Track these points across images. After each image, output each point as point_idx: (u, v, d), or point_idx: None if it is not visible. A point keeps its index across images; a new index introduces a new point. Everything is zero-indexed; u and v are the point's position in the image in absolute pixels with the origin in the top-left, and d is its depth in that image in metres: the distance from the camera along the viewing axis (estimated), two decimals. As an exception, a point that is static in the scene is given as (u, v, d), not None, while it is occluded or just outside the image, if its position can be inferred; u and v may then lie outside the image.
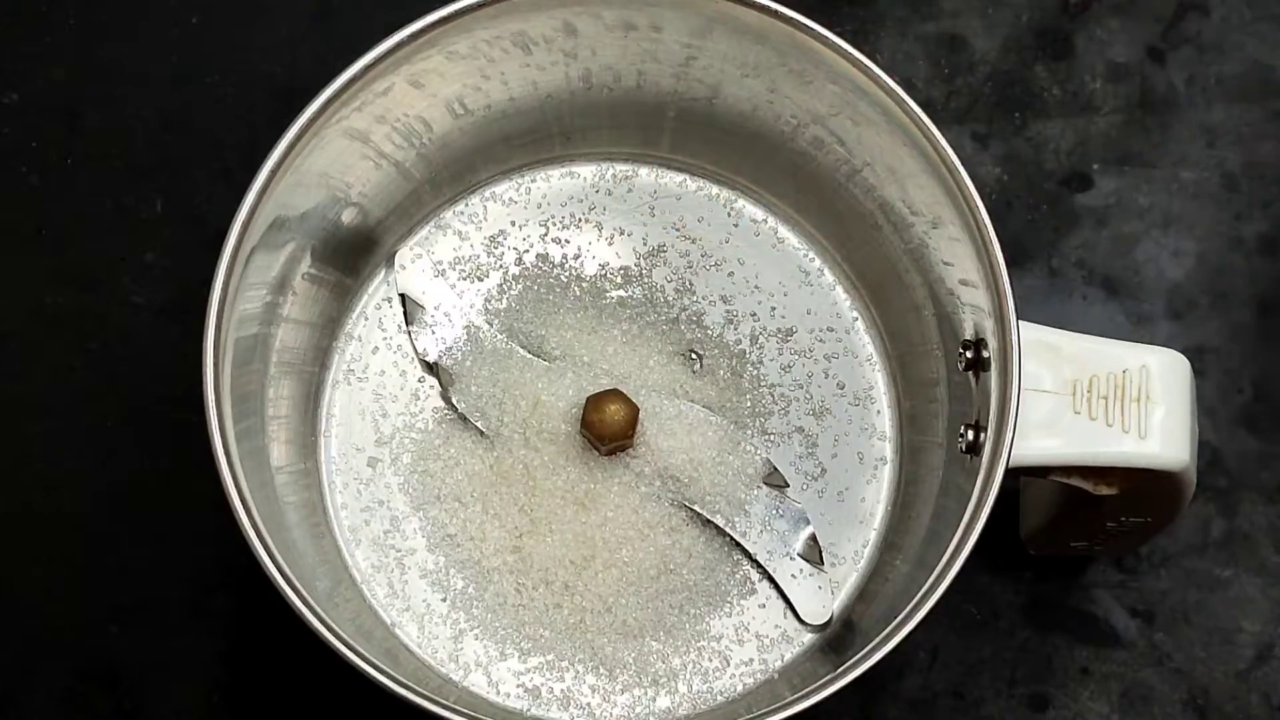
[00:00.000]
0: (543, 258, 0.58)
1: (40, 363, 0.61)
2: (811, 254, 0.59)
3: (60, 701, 0.59)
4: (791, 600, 0.55)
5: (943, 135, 0.50)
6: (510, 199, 0.59)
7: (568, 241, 0.58)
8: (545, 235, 0.58)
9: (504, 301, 0.57)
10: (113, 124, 0.63)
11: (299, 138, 0.50)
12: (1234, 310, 0.63)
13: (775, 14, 0.51)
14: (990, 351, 0.50)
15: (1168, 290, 0.63)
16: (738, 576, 0.56)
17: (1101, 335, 0.50)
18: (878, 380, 0.58)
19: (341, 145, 0.52)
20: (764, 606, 0.55)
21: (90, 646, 0.59)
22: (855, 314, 0.58)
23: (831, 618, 0.55)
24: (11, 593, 0.60)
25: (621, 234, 0.58)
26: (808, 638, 0.55)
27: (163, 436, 0.60)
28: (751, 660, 0.55)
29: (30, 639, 0.59)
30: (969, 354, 0.51)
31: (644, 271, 0.58)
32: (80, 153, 0.63)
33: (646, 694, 0.54)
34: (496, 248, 0.58)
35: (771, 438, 0.57)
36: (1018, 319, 0.49)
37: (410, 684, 0.46)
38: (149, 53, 0.64)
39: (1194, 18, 0.65)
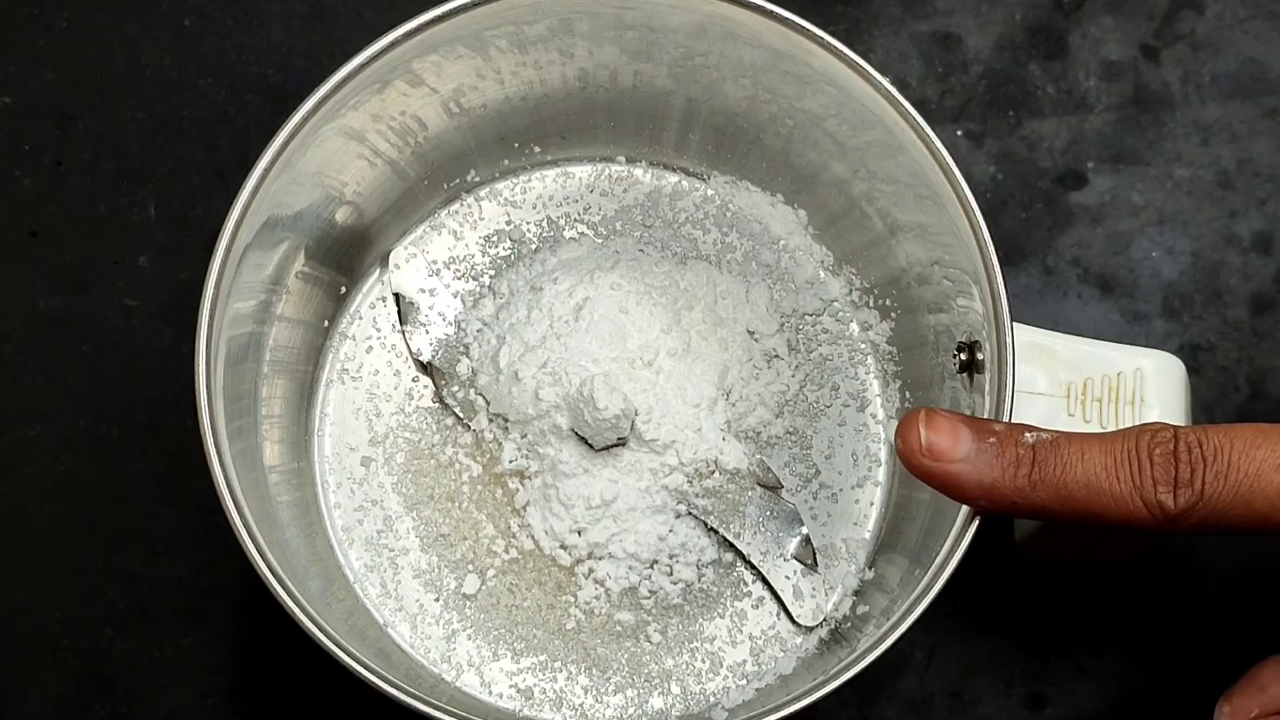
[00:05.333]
0: (536, 255, 0.58)
1: (34, 366, 0.61)
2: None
3: (56, 705, 0.59)
4: (785, 601, 0.55)
5: (937, 134, 0.50)
6: (506, 199, 0.59)
7: (562, 240, 0.58)
8: (541, 235, 0.58)
9: (497, 300, 0.57)
10: (105, 127, 0.63)
11: (292, 136, 0.50)
12: (1229, 308, 0.63)
13: (769, 14, 0.51)
14: (984, 354, 0.50)
15: (1163, 288, 0.63)
16: (731, 577, 0.56)
17: (1097, 334, 0.50)
18: (872, 381, 0.58)
19: (335, 144, 0.52)
20: (757, 607, 0.55)
21: (85, 650, 0.59)
22: (850, 314, 0.58)
23: (825, 619, 0.55)
24: (6, 596, 0.60)
25: (616, 234, 0.58)
26: (801, 639, 0.55)
27: (157, 439, 0.60)
28: (745, 661, 0.55)
29: (25, 643, 0.59)
30: (963, 356, 0.51)
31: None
32: (73, 156, 0.63)
33: (639, 694, 0.54)
34: (491, 248, 0.58)
35: (766, 438, 0.57)
36: (1012, 321, 0.48)
37: (403, 684, 0.46)
38: (141, 55, 0.64)
39: (1188, 15, 0.65)
